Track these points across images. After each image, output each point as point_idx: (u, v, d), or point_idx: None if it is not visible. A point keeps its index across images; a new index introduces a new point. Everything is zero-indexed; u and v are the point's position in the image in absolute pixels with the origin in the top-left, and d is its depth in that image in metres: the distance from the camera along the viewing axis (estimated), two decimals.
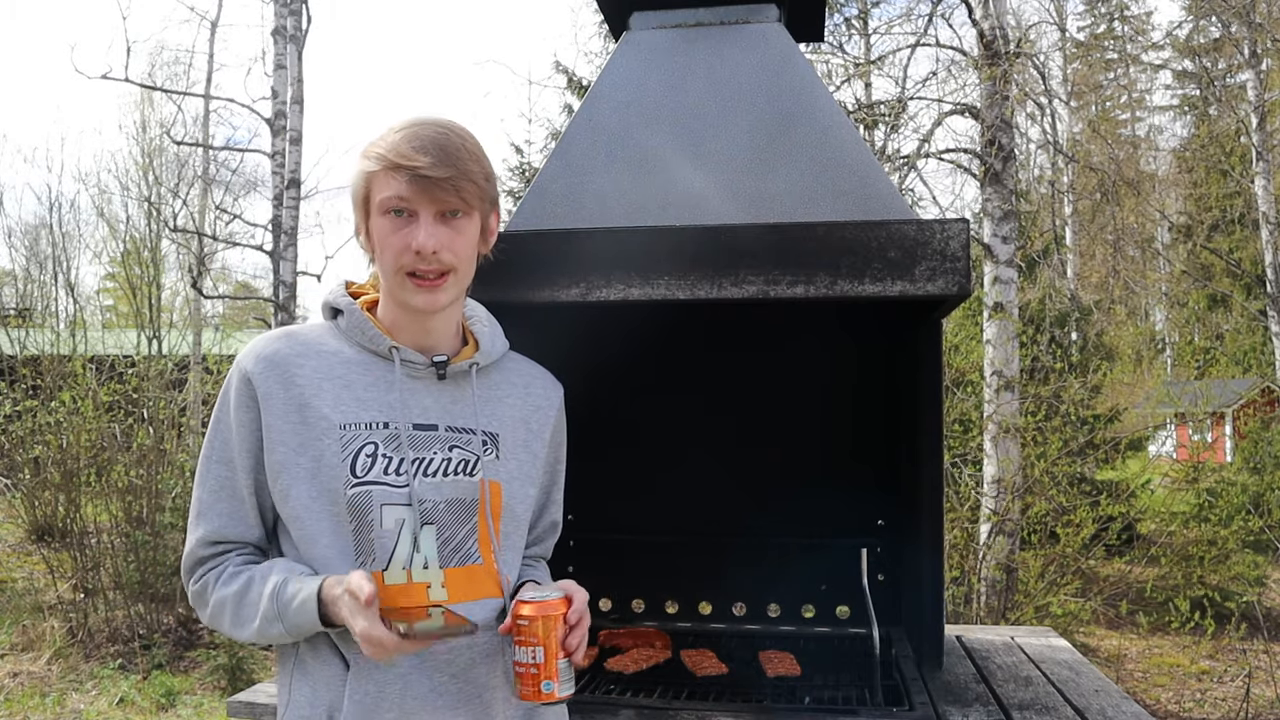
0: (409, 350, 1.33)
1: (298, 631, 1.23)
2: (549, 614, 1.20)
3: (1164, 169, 21.86)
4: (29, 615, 6.70)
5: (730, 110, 2.40)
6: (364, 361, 1.33)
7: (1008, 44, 6.94)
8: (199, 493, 1.32)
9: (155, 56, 22.91)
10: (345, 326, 1.35)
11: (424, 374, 1.34)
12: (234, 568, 1.30)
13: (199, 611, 1.34)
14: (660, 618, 2.62)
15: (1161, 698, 6.05)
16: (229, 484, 1.30)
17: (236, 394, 1.29)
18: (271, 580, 1.24)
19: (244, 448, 1.29)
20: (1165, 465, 9.28)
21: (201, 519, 1.31)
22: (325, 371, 1.30)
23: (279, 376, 1.28)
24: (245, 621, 1.26)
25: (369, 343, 1.33)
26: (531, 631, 1.19)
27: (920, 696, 1.90)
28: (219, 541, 1.31)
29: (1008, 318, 6.79)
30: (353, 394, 1.30)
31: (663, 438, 2.64)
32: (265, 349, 1.31)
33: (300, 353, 1.31)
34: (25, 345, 9.64)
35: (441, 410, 1.34)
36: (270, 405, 1.27)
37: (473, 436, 1.35)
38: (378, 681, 1.24)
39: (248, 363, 1.30)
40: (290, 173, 8.41)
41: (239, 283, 21.20)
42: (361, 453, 1.27)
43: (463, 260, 1.30)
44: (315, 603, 1.20)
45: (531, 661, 1.19)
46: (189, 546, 1.33)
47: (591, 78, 12.21)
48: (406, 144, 1.24)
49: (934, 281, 1.84)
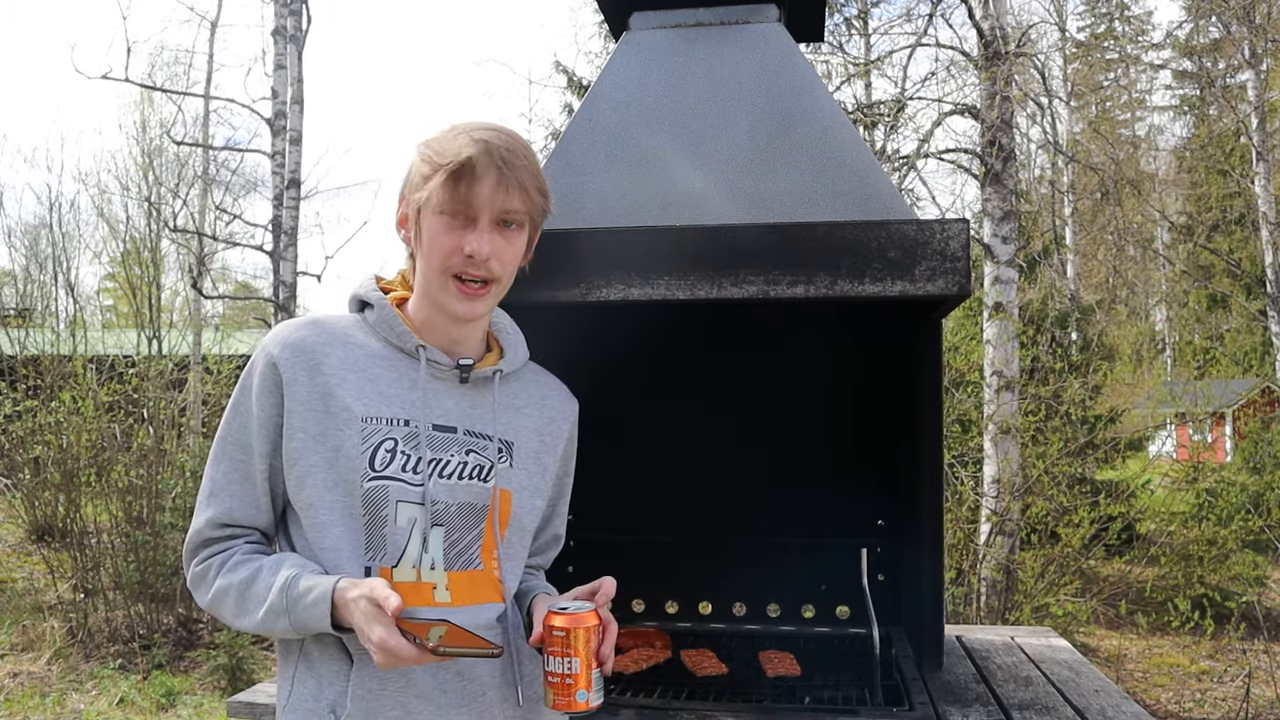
0: (435, 350, 1.33)
1: (303, 629, 1.22)
2: (584, 626, 1.21)
3: (1164, 169, 21.86)
4: (29, 615, 6.70)
5: (730, 110, 2.40)
6: (389, 357, 1.33)
7: (1008, 44, 6.94)
8: (212, 472, 1.31)
9: (155, 57, 22.90)
10: (373, 321, 1.35)
11: (447, 375, 1.34)
12: (241, 555, 1.29)
13: (196, 594, 1.32)
14: (660, 618, 2.62)
15: (1161, 698, 6.05)
16: (244, 467, 1.29)
17: (260, 378, 1.29)
18: (283, 573, 1.23)
19: (263, 433, 1.28)
20: (1165, 465, 9.28)
21: (213, 499, 1.30)
22: (350, 363, 1.30)
23: (305, 364, 1.28)
24: (248, 611, 1.25)
25: (396, 339, 1.33)
26: (567, 643, 1.21)
27: (920, 696, 1.90)
28: (228, 524, 1.30)
29: (1008, 318, 6.79)
30: (376, 388, 1.30)
31: (663, 438, 2.64)
32: (292, 335, 1.30)
33: (327, 341, 1.31)
34: (25, 345, 9.64)
35: (461, 413, 1.34)
36: (294, 392, 1.27)
37: (489, 443, 1.35)
38: (380, 678, 1.24)
39: (274, 348, 1.29)
40: (290, 173, 8.41)
41: (239, 283, 21.20)
42: (381, 447, 1.27)
43: (508, 271, 1.32)
44: (328, 604, 1.18)
45: (567, 672, 1.21)
46: (196, 525, 1.31)
47: (591, 78, 12.21)
48: (473, 149, 1.24)
49: (934, 281, 1.84)
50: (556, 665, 1.21)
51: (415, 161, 1.31)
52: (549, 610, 1.24)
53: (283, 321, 1.38)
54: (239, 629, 1.30)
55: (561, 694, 1.21)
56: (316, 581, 1.21)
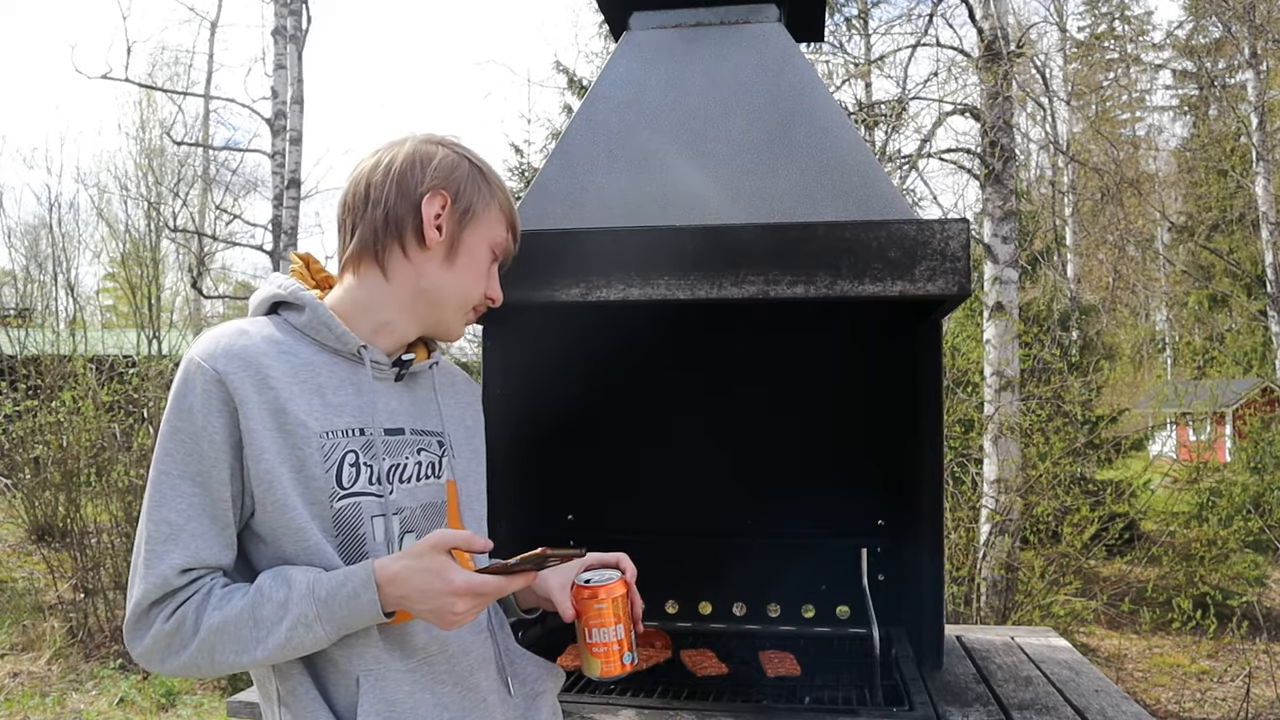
0: (376, 350, 1.27)
1: (346, 628, 1.12)
2: (617, 594, 1.27)
3: (1164, 169, 21.86)
4: (29, 615, 6.70)
5: (730, 110, 2.40)
6: (328, 363, 1.23)
7: (1008, 44, 6.94)
8: (164, 514, 1.13)
9: (155, 56, 22.95)
10: (304, 324, 1.24)
11: (385, 375, 1.30)
12: (220, 590, 1.14)
13: (169, 657, 1.13)
14: (660, 618, 2.62)
15: (1161, 698, 6.05)
16: (202, 500, 1.14)
17: (204, 397, 1.13)
18: (298, 580, 1.12)
19: (220, 459, 1.14)
20: (1166, 465, 9.29)
21: (174, 544, 1.12)
22: (293, 374, 1.19)
23: (252, 377, 1.15)
24: (261, 638, 1.11)
25: (335, 342, 1.24)
26: (609, 613, 1.26)
27: (920, 696, 1.90)
28: (194, 568, 1.14)
29: (1008, 318, 6.79)
30: (323, 398, 1.20)
31: (663, 438, 2.64)
32: (233, 344, 1.16)
33: (265, 350, 1.18)
34: (25, 345, 9.63)
35: (405, 413, 1.30)
36: (247, 409, 1.13)
37: (432, 438, 1.33)
38: (388, 700, 1.19)
39: (216, 361, 1.14)
40: (290, 173, 8.41)
41: (239, 283, 21.18)
42: (344, 462, 1.19)
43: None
44: (373, 588, 1.09)
45: (615, 639, 1.26)
46: (155, 579, 1.11)
47: (591, 78, 12.20)
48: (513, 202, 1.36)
49: (934, 281, 1.84)
50: (601, 635, 1.26)
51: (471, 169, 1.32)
52: (579, 585, 1.27)
53: (203, 333, 1.28)
54: (231, 669, 1.12)
55: (610, 660, 1.27)
56: (346, 573, 1.11)
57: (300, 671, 1.18)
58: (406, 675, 1.21)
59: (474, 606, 1.10)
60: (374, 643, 1.19)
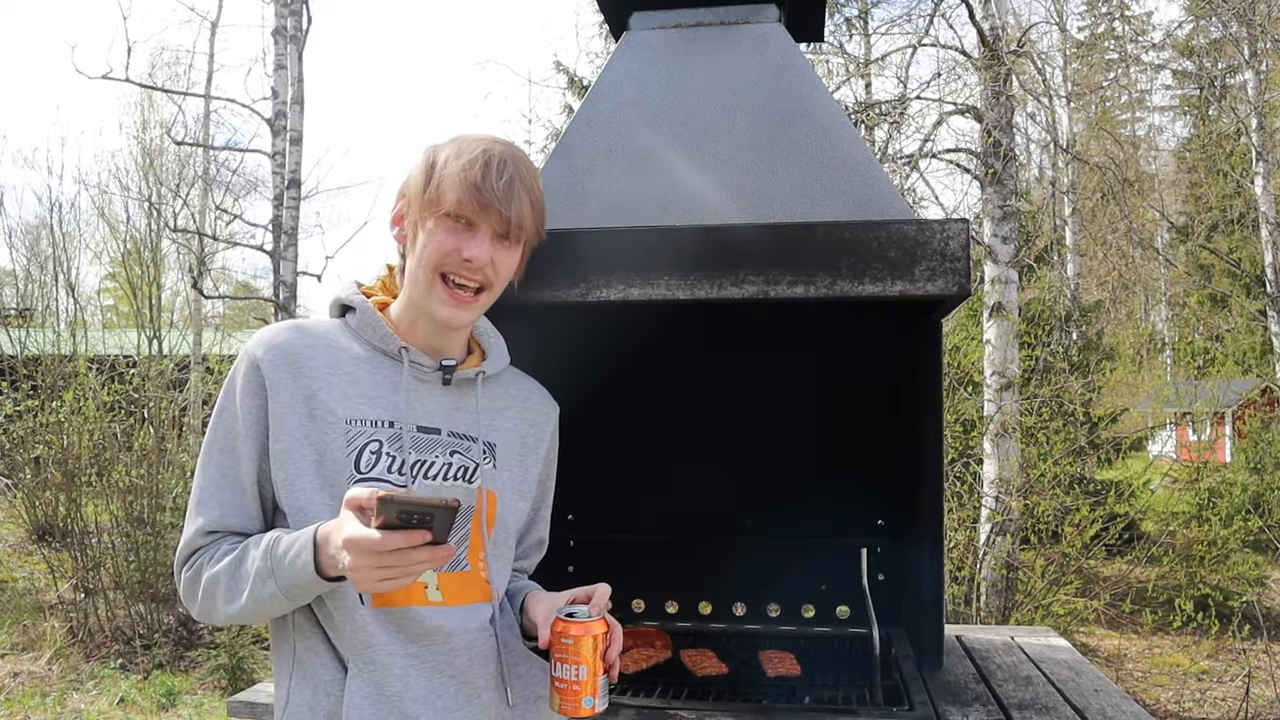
0: (418, 352, 1.34)
1: (291, 588, 1.18)
2: (592, 634, 1.23)
3: (1164, 169, 21.86)
4: (29, 615, 6.70)
5: (730, 110, 2.40)
6: (372, 360, 1.33)
7: (1008, 44, 6.94)
8: (200, 481, 1.30)
9: (155, 57, 22.95)
10: (356, 324, 1.36)
11: (430, 377, 1.35)
12: (227, 545, 1.26)
13: (189, 604, 1.29)
14: (660, 618, 2.62)
15: (1161, 698, 6.05)
16: (231, 472, 1.28)
17: (244, 380, 1.28)
18: (265, 539, 1.21)
19: (249, 436, 1.27)
20: (1166, 465, 9.29)
21: (202, 507, 1.28)
22: (333, 366, 1.30)
23: (288, 366, 1.27)
24: (238, 592, 1.22)
25: (379, 341, 1.34)
26: (576, 650, 1.23)
27: (920, 696, 1.90)
28: (217, 530, 1.28)
29: (1009, 318, 6.78)
30: (359, 390, 1.30)
31: (662, 437, 2.64)
32: (275, 338, 1.30)
33: (310, 344, 1.31)
34: (26, 345, 9.63)
35: (445, 415, 1.35)
36: (278, 394, 1.26)
37: (474, 444, 1.35)
38: (376, 684, 1.24)
39: (257, 350, 1.28)
40: (290, 173, 8.41)
41: (239, 283, 21.19)
42: (366, 449, 1.27)
43: (500, 281, 1.35)
44: (310, 550, 1.15)
45: (575, 679, 1.23)
46: (186, 536, 1.29)
47: (592, 78, 12.20)
48: (486, 160, 1.28)
49: (934, 282, 1.84)
50: (564, 672, 1.23)
51: (421, 162, 1.32)
52: (557, 617, 1.25)
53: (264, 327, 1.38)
54: (230, 619, 1.25)
55: (569, 700, 1.23)
56: (300, 533, 1.19)
57: (318, 638, 1.27)
58: (403, 660, 1.25)
59: (368, 564, 1.06)
60: (367, 624, 1.24)
